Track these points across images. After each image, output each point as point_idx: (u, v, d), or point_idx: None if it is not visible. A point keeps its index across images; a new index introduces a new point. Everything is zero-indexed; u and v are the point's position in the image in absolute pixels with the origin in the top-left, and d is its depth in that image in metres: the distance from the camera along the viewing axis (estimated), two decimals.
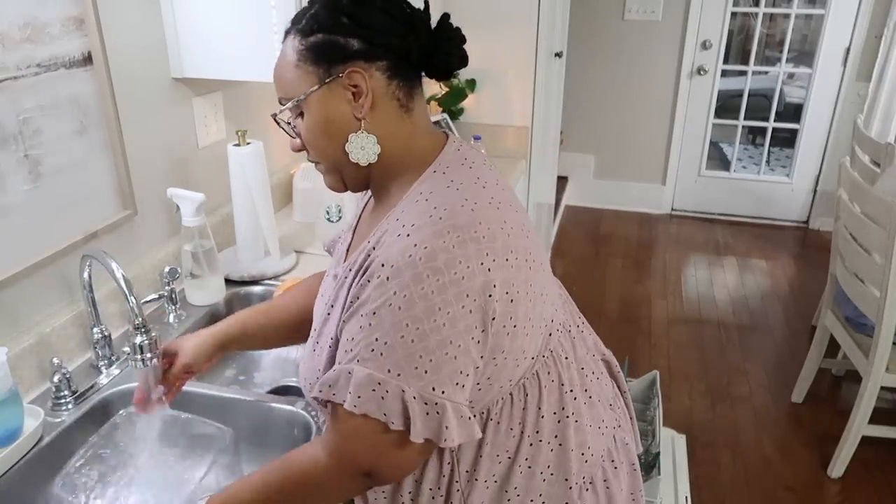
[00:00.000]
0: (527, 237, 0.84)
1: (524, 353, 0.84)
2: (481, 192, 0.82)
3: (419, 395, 0.74)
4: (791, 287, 3.54)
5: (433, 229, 0.75)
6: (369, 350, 0.75)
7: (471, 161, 0.87)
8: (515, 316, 0.80)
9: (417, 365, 0.74)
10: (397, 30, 0.81)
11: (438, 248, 0.74)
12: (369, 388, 0.75)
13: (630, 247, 3.99)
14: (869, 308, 2.06)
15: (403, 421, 0.75)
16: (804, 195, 4.23)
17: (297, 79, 0.84)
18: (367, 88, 0.81)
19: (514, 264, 0.79)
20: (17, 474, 1.01)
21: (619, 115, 4.28)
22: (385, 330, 0.74)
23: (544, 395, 0.88)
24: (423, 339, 0.74)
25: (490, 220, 0.79)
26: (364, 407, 0.75)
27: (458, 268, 0.74)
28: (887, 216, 1.90)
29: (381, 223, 0.83)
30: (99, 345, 1.21)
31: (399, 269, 0.74)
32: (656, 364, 2.83)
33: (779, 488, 2.22)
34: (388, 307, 0.74)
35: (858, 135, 2.84)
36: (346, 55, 0.80)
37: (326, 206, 1.69)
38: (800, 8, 3.94)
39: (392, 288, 0.74)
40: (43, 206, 1.16)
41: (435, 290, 0.73)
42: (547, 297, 0.88)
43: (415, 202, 0.80)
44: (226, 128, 1.64)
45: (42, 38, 1.11)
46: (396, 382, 0.74)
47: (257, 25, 1.35)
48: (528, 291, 0.82)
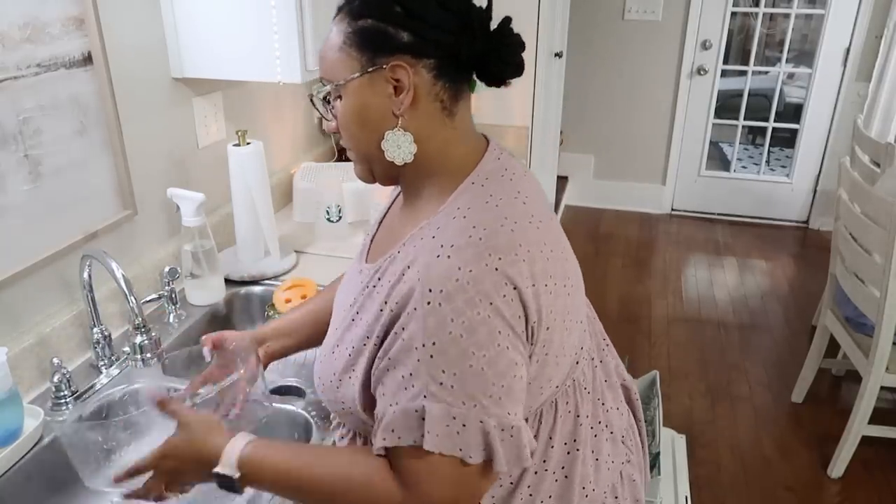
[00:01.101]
0: (566, 259, 0.82)
1: (550, 382, 0.81)
2: (521, 209, 0.78)
3: (498, 422, 0.71)
4: (791, 287, 3.54)
5: (475, 251, 0.72)
6: (437, 383, 0.70)
7: (511, 172, 0.83)
8: (549, 344, 0.78)
9: (492, 393, 0.71)
10: (452, 27, 0.76)
11: (483, 272, 0.71)
12: (444, 423, 0.70)
13: (630, 247, 3.99)
14: (869, 308, 2.06)
15: (483, 452, 0.72)
16: (804, 195, 4.23)
17: (340, 62, 0.78)
18: (410, 85, 0.76)
19: (553, 290, 0.77)
20: (17, 474, 1.00)
21: (619, 115, 4.27)
22: (452, 360, 0.70)
23: (558, 424, 0.85)
24: (493, 364, 0.71)
25: (531, 242, 0.75)
26: (441, 445, 0.70)
27: (505, 290, 0.71)
28: (887, 216, 1.90)
29: (414, 233, 0.78)
30: (99, 345, 1.21)
31: (449, 294, 0.70)
32: (656, 364, 2.83)
33: (779, 488, 2.22)
34: (448, 335, 0.70)
35: (858, 135, 2.84)
36: (394, 46, 0.76)
37: (326, 206, 1.69)
38: (800, 8, 3.94)
39: (447, 315, 0.69)
40: (43, 206, 1.16)
41: (491, 315, 0.70)
42: (581, 323, 0.85)
43: (452, 218, 0.76)
44: (226, 128, 1.64)
45: (42, 38, 1.11)
46: (475, 414, 0.70)
47: (257, 25, 1.35)
48: (564, 319, 0.79)
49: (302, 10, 1.33)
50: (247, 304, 1.52)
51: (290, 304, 1.41)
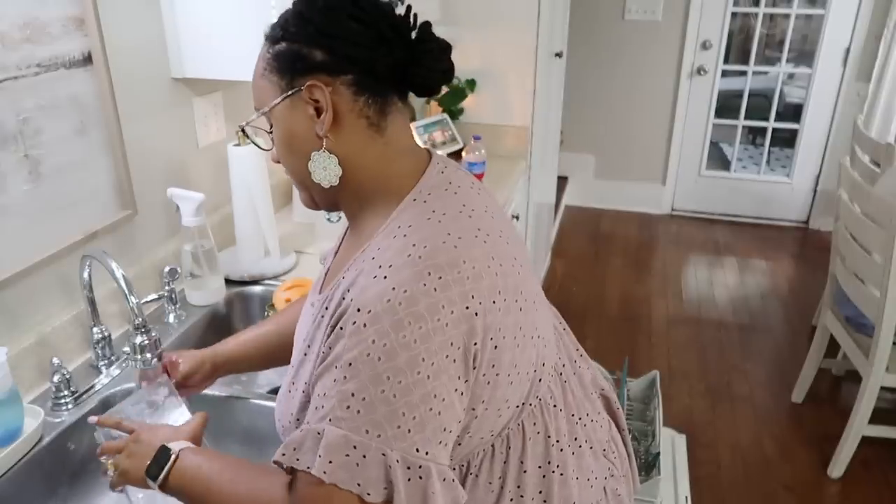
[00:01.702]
0: (517, 273, 0.77)
1: (507, 403, 0.76)
2: (467, 223, 0.74)
3: (402, 458, 0.65)
4: (791, 287, 3.54)
5: (413, 270, 0.68)
6: (344, 407, 0.65)
7: (456, 185, 0.79)
8: (499, 363, 0.73)
9: (400, 423, 0.65)
10: (365, 40, 0.74)
11: (419, 292, 0.66)
12: (343, 452, 0.65)
13: (630, 247, 3.99)
14: (869, 308, 2.06)
15: (383, 490, 0.65)
16: (804, 195, 4.23)
17: (264, 89, 0.78)
18: (328, 104, 0.74)
19: (501, 306, 0.72)
20: (18, 474, 1.01)
21: (619, 115, 4.27)
22: (363, 384, 0.65)
23: (528, 447, 0.81)
24: (407, 393, 0.65)
25: (476, 258, 0.71)
26: (335, 475, 0.65)
27: (441, 313, 0.67)
28: (887, 216, 1.90)
29: (357, 257, 0.75)
30: (99, 345, 1.21)
31: (377, 315, 0.66)
32: (656, 364, 2.83)
33: (779, 488, 2.22)
34: (366, 357, 0.65)
35: (858, 135, 2.84)
36: (308, 66, 0.74)
37: None
38: (800, 8, 3.94)
39: (370, 336, 0.65)
40: (43, 206, 1.16)
41: (418, 339, 0.65)
42: (539, 338, 0.80)
43: (392, 237, 0.72)
44: (226, 128, 1.64)
45: (42, 38, 1.11)
46: (377, 445, 0.65)
47: (257, 25, 1.34)
48: (515, 335, 0.75)
49: None
50: (247, 304, 1.52)
51: None
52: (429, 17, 0.79)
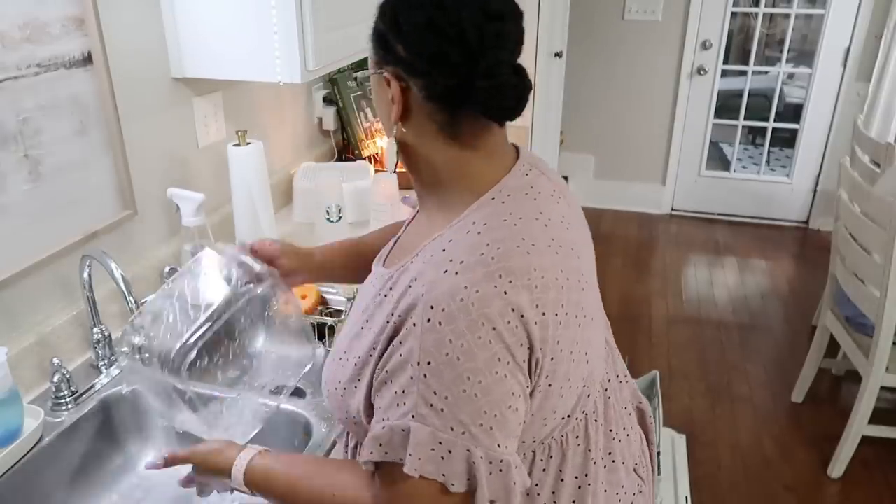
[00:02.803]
0: (582, 289, 0.78)
1: (555, 414, 0.78)
2: (541, 232, 0.74)
3: (486, 454, 0.68)
4: (791, 287, 3.54)
5: (485, 270, 0.68)
6: (428, 405, 0.68)
7: (537, 191, 0.79)
8: (553, 375, 0.74)
9: (483, 422, 0.68)
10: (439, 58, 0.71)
11: (491, 294, 0.68)
12: (429, 447, 0.68)
13: (630, 247, 3.99)
14: (869, 308, 2.06)
15: (466, 482, 0.69)
16: (804, 195, 4.23)
17: (371, 51, 0.79)
18: (398, 98, 0.74)
19: (563, 320, 0.73)
20: (17, 474, 1.00)
21: (619, 115, 4.27)
22: (445, 384, 0.67)
23: (568, 458, 0.82)
24: (488, 392, 0.68)
25: (546, 268, 0.72)
26: (424, 468, 0.68)
27: (511, 316, 0.68)
28: (887, 216, 1.90)
29: (426, 244, 0.76)
30: (99, 345, 1.21)
31: (451, 314, 0.67)
32: (656, 364, 2.83)
33: (779, 488, 2.22)
34: (444, 357, 0.67)
35: (858, 135, 2.84)
36: (392, 56, 0.74)
37: (326, 207, 1.69)
38: (800, 8, 3.94)
39: (446, 335, 0.67)
40: (43, 206, 1.16)
41: (493, 340, 0.67)
42: (591, 355, 0.81)
43: (465, 232, 0.73)
44: (226, 128, 1.64)
45: (42, 38, 1.11)
46: (462, 442, 0.68)
47: (257, 26, 1.35)
48: (572, 350, 0.76)
49: (302, 11, 1.33)
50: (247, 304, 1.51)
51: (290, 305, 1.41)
52: None
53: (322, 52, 1.40)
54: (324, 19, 1.38)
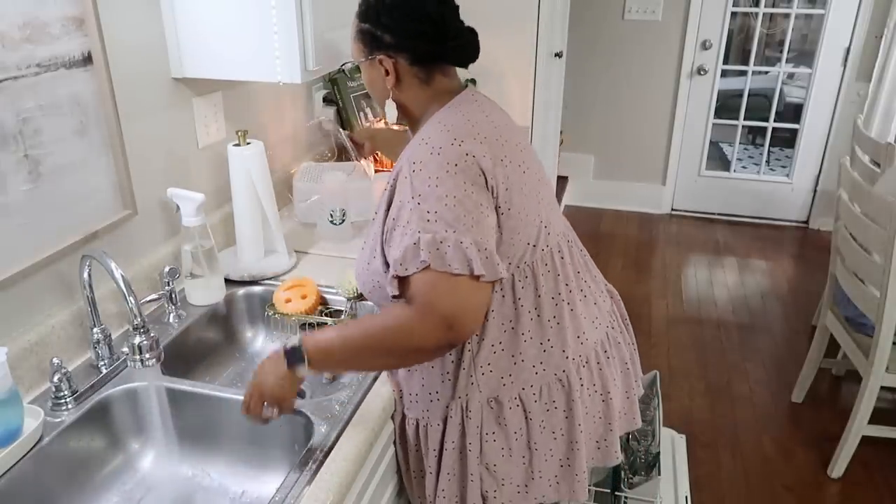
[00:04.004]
0: (521, 151, 1.09)
1: (518, 235, 1.04)
2: (483, 119, 1.07)
3: (473, 242, 0.95)
4: (791, 287, 3.54)
5: (444, 137, 1.01)
6: (424, 221, 0.95)
7: (479, 102, 1.12)
8: (510, 202, 1.03)
9: (465, 222, 0.95)
10: (415, 35, 1.07)
11: (450, 148, 0.99)
12: (434, 246, 0.94)
13: (630, 247, 3.99)
14: (869, 308, 2.06)
15: (466, 265, 0.94)
16: (804, 195, 4.23)
17: (356, 49, 1.13)
18: (393, 72, 1.09)
19: (507, 164, 1.04)
20: (17, 474, 1.00)
21: (619, 115, 4.27)
22: (431, 203, 0.96)
23: (541, 280, 1.08)
24: (462, 203, 0.96)
25: (486, 132, 1.04)
26: (434, 263, 0.93)
27: (467, 158, 0.99)
28: (887, 216, 1.90)
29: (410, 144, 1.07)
30: (99, 345, 1.21)
31: (425, 162, 0.98)
32: (656, 364, 2.83)
33: (779, 488, 2.22)
34: (427, 188, 0.96)
35: (858, 135, 2.84)
36: (381, 45, 1.08)
37: (330, 210, 1.70)
38: (800, 8, 3.94)
39: (426, 174, 0.97)
40: (43, 206, 1.16)
41: (456, 172, 0.97)
42: (543, 203, 1.10)
43: (430, 126, 1.06)
44: (226, 128, 1.64)
45: (42, 38, 1.11)
46: (455, 236, 0.94)
47: (257, 26, 1.35)
48: (521, 188, 1.05)
49: (302, 11, 1.33)
50: (247, 304, 1.52)
51: (290, 304, 1.41)
52: None
53: (322, 52, 1.40)
54: (324, 19, 1.38)
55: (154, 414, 1.20)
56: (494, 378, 1.08)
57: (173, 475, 1.19)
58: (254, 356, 1.50)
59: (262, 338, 1.53)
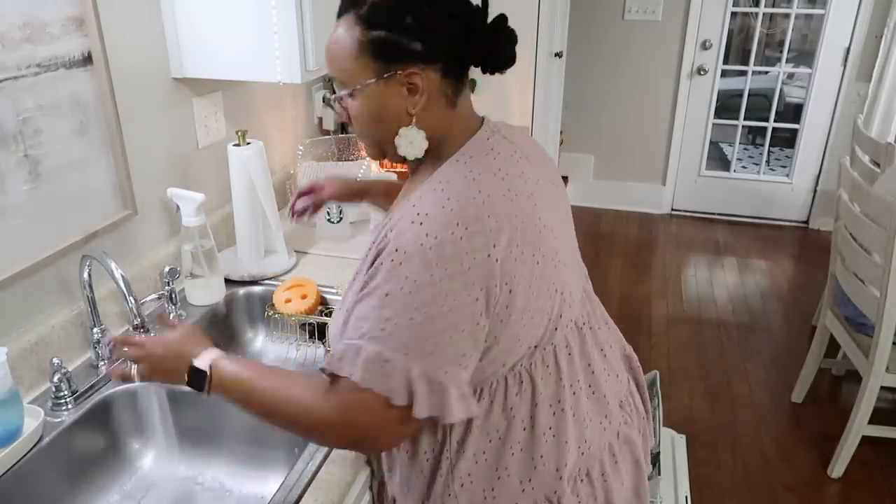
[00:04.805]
0: (538, 231, 0.86)
1: (519, 342, 0.87)
2: (497, 185, 0.84)
3: (424, 373, 0.78)
4: (791, 287, 3.54)
5: (444, 220, 0.79)
6: (379, 329, 0.79)
7: (497, 151, 0.89)
8: (512, 306, 0.83)
9: (424, 346, 0.78)
10: (458, 34, 0.83)
11: (447, 240, 0.78)
12: (377, 364, 0.78)
13: (630, 247, 3.99)
14: (869, 308, 2.06)
15: (407, 397, 0.79)
16: (804, 195, 4.23)
17: (355, 69, 0.85)
18: (424, 88, 0.84)
19: (517, 257, 0.82)
20: (17, 474, 1.00)
21: (619, 115, 4.27)
22: (395, 311, 0.78)
23: (539, 386, 0.91)
24: (431, 322, 0.78)
25: (499, 214, 0.81)
26: (371, 382, 0.78)
27: (464, 258, 0.78)
28: (887, 216, 1.90)
29: (403, 205, 0.85)
30: (99, 345, 1.21)
31: (410, 255, 0.78)
32: (656, 364, 2.83)
33: (779, 488, 2.22)
34: (399, 290, 0.78)
35: (858, 135, 2.84)
36: (407, 55, 0.82)
37: (327, 207, 1.69)
38: (800, 8, 3.94)
39: (404, 273, 0.78)
40: (43, 206, 1.16)
41: (443, 278, 0.77)
42: (556, 293, 0.89)
43: (432, 191, 0.83)
44: (226, 128, 1.64)
45: (42, 38, 1.11)
46: (404, 361, 0.78)
47: (257, 26, 1.35)
48: (530, 285, 0.84)
49: (302, 10, 1.33)
50: (247, 304, 1.52)
51: (290, 304, 1.41)
52: None
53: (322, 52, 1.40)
54: (324, 19, 1.38)
55: (154, 414, 1.20)
56: (475, 492, 0.91)
57: (173, 475, 1.19)
58: (255, 356, 1.50)
59: (262, 338, 1.53)
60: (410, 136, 0.86)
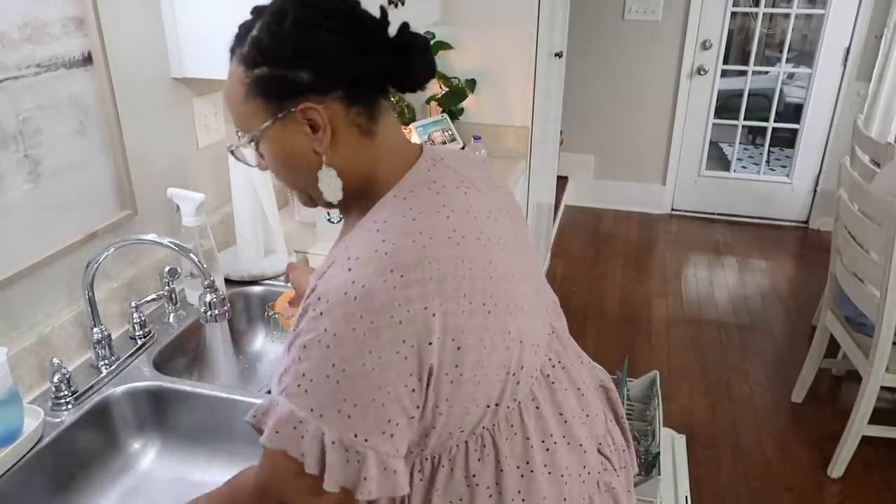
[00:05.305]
0: (489, 277, 0.76)
1: (475, 402, 0.76)
2: (441, 223, 0.74)
3: (339, 440, 0.69)
4: (791, 287, 3.54)
5: (376, 266, 0.69)
6: (296, 385, 0.70)
7: (440, 184, 0.79)
8: (462, 364, 0.73)
9: (341, 408, 0.69)
10: (348, 54, 0.73)
11: (378, 289, 0.68)
12: (290, 424, 0.70)
13: (630, 247, 3.99)
14: (869, 308, 2.06)
15: (319, 465, 0.70)
16: (804, 195, 4.23)
17: (249, 113, 0.78)
18: (325, 122, 0.74)
19: (466, 309, 0.72)
20: (18, 474, 1.01)
21: (619, 115, 4.28)
22: (312, 366, 0.69)
23: (504, 449, 0.80)
24: (350, 382, 0.68)
25: (443, 259, 0.72)
26: (283, 443, 0.71)
27: (395, 311, 0.68)
28: (887, 216, 1.90)
29: (336, 249, 0.77)
30: (99, 345, 1.21)
31: (333, 305, 0.69)
32: (656, 364, 2.83)
33: (779, 488, 2.22)
34: (317, 343, 0.69)
35: (858, 135, 2.84)
36: (297, 90, 0.73)
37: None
38: (800, 8, 3.94)
39: (324, 324, 0.69)
40: (43, 206, 1.16)
41: (367, 333, 0.68)
42: (515, 342, 0.79)
43: (367, 231, 0.74)
44: (226, 128, 1.64)
45: (42, 38, 1.11)
46: (317, 423, 0.69)
47: None
48: (482, 337, 0.74)
49: None
50: (247, 304, 1.52)
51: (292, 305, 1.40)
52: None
53: None
54: None
55: (154, 414, 1.20)
56: None
57: (173, 475, 1.19)
58: (254, 356, 1.50)
59: (262, 338, 1.53)
60: (325, 178, 0.77)
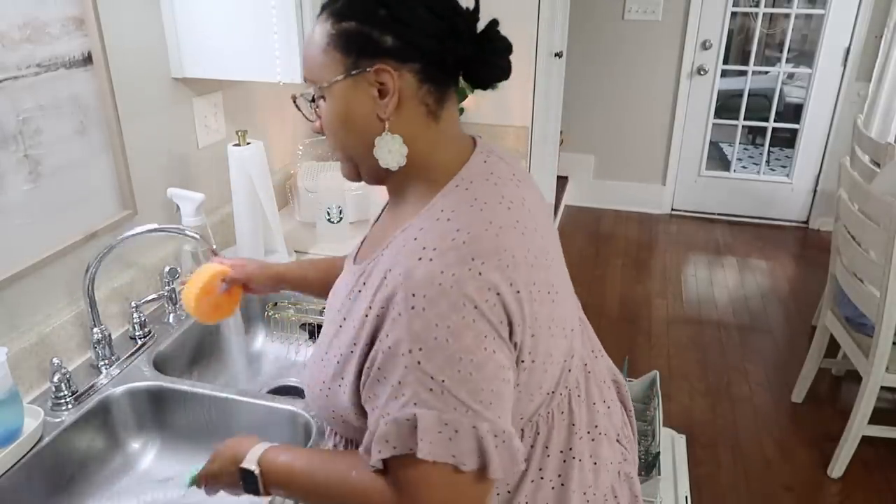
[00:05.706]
0: (549, 267, 0.79)
1: (540, 389, 0.79)
2: (506, 215, 0.77)
3: (491, 428, 0.70)
4: (791, 287, 3.54)
5: (457, 255, 0.70)
6: (427, 390, 0.68)
7: (497, 176, 0.81)
8: (535, 351, 0.76)
9: (482, 398, 0.69)
10: (438, 32, 0.75)
11: (466, 276, 0.69)
12: (436, 430, 0.68)
13: (630, 247, 3.99)
14: (869, 308, 2.06)
15: (477, 459, 0.70)
16: (804, 195, 4.23)
17: (324, 64, 0.77)
18: (395, 89, 0.75)
19: (537, 297, 0.75)
20: (17, 474, 1.01)
21: (619, 115, 4.27)
22: (439, 366, 0.68)
23: (553, 434, 0.84)
24: (481, 369, 0.69)
25: (514, 248, 0.74)
26: (435, 452, 0.69)
27: (488, 295, 0.70)
28: (887, 216, 1.90)
29: (397, 235, 0.76)
30: (99, 345, 1.21)
31: (433, 298, 0.68)
32: (656, 364, 2.83)
33: (779, 488, 2.22)
34: (434, 341, 0.68)
35: (858, 135, 2.84)
36: (378, 50, 0.74)
37: (327, 207, 1.69)
38: (800, 8, 3.94)
39: (432, 319, 0.68)
40: (43, 206, 1.16)
41: (476, 318, 0.69)
42: (569, 330, 0.83)
43: (436, 220, 0.74)
44: (226, 128, 1.64)
45: (42, 38, 1.11)
46: (468, 420, 0.69)
47: (257, 25, 1.35)
48: (549, 326, 0.78)
49: (302, 10, 1.33)
50: (247, 304, 1.52)
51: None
52: None
53: None
54: None
55: (154, 414, 1.20)
56: None
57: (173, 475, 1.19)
58: (254, 356, 1.50)
59: (262, 338, 1.53)
60: (387, 143, 0.77)
